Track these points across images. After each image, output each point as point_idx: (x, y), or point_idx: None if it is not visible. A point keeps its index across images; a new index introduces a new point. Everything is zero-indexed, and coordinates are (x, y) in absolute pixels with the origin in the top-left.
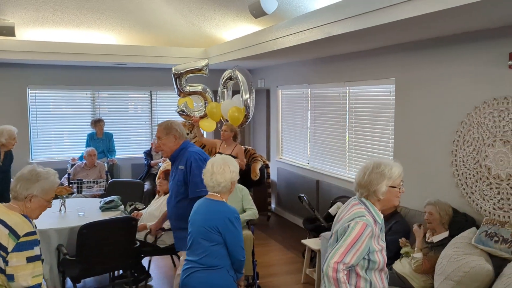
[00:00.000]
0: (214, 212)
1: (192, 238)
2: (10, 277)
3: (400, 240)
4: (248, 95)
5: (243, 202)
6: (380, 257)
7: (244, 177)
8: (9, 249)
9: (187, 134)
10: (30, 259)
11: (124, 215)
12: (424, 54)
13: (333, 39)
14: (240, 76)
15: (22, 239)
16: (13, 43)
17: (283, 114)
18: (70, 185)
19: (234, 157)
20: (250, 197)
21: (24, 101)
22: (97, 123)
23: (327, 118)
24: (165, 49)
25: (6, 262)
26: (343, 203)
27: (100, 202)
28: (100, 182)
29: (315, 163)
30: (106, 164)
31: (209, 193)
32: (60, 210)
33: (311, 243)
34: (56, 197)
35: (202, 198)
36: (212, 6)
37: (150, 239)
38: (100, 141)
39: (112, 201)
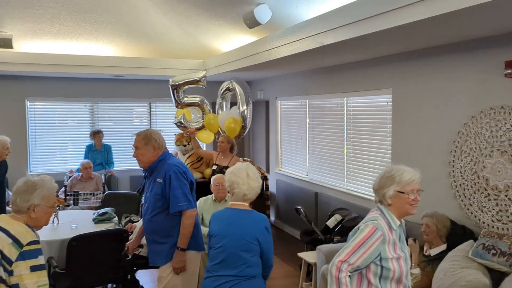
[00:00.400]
0: (252, 223)
1: (226, 253)
2: (15, 287)
3: None
4: (245, 107)
5: None
6: (396, 266)
7: None
8: (13, 259)
9: (185, 145)
10: (34, 268)
11: (117, 227)
12: (420, 64)
13: (326, 48)
14: (237, 88)
15: (25, 248)
16: (11, 55)
17: (282, 125)
18: (67, 197)
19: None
20: None
21: (22, 113)
22: (96, 134)
23: (326, 129)
24: (164, 60)
25: (9, 272)
26: (341, 215)
27: (94, 214)
28: (97, 194)
29: (314, 175)
30: (103, 176)
31: (232, 203)
32: (52, 222)
33: (307, 256)
34: None
35: (226, 209)
36: (208, 17)
37: (144, 252)
38: (99, 152)
39: (105, 213)
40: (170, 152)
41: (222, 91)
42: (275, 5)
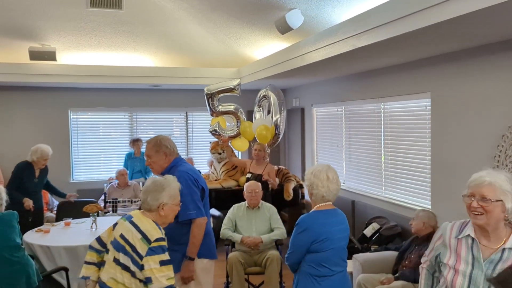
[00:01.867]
0: (343, 219)
1: (339, 252)
2: (148, 280)
3: None
4: (278, 115)
5: (271, 221)
6: (449, 277)
7: (277, 197)
8: (143, 254)
9: (220, 154)
10: (162, 263)
11: None
12: (459, 65)
13: (359, 51)
14: (272, 96)
15: (153, 244)
16: (55, 67)
17: (318, 133)
18: (107, 204)
19: (260, 179)
20: (278, 216)
21: (66, 124)
22: (135, 142)
23: (362, 135)
24: (199, 70)
25: (139, 266)
26: (379, 224)
27: None
28: (136, 202)
29: (351, 183)
30: (141, 184)
31: (320, 205)
32: (91, 227)
33: None
34: (87, 215)
35: (317, 212)
36: (241, 25)
37: None
38: (138, 160)
39: None
40: (183, 158)
41: (259, 99)
42: (306, 9)
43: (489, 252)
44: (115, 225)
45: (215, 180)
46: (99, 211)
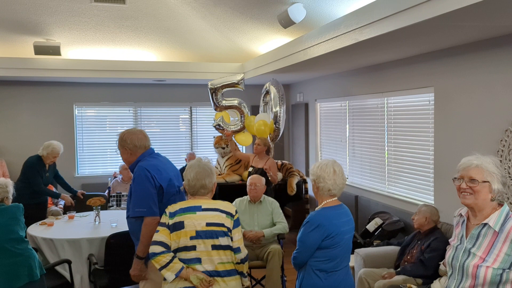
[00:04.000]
0: (350, 215)
1: (346, 248)
2: (237, 250)
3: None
4: (277, 109)
5: (273, 215)
6: (448, 251)
7: (280, 192)
8: (231, 228)
9: (223, 148)
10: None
11: None
12: (463, 59)
13: (362, 45)
14: (272, 89)
15: (235, 217)
16: (59, 62)
17: (322, 128)
18: (111, 198)
19: (261, 172)
20: (280, 211)
21: (71, 118)
22: None
23: (366, 131)
24: (204, 64)
25: (231, 238)
26: (382, 219)
27: None
28: None
29: (354, 178)
30: None
31: (327, 202)
32: (94, 220)
33: None
34: (91, 208)
35: (326, 209)
36: (245, 20)
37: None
38: None
39: None
40: (155, 152)
41: (264, 94)
42: (309, 3)
43: (473, 228)
44: (172, 226)
45: (219, 174)
46: (106, 203)
